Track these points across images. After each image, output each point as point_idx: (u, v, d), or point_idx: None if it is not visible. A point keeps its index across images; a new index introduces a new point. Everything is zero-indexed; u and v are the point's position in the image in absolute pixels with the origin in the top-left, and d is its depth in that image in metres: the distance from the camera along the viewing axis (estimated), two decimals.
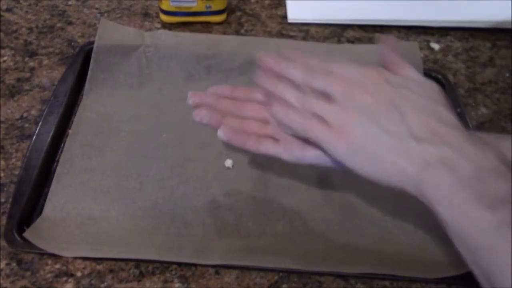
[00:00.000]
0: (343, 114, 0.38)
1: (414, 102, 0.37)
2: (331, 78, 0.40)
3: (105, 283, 0.41)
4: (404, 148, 0.35)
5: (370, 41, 0.63)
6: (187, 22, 0.63)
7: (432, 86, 0.39)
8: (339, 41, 0.62)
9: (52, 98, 0.51)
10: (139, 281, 0.41)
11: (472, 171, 0.32)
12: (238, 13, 0.66)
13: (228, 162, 0.48)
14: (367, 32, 0.64)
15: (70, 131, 0.50)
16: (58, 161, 0.48)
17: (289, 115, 0.41)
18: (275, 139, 0.42)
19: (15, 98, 0.54)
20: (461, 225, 0.32)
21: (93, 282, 0.41)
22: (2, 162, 0.48)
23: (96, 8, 0.65)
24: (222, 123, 0.44)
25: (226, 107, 0.45)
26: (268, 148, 0.42)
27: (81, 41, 0.60)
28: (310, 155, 0.40)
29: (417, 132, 0.35)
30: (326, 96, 0.39)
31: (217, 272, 0.42)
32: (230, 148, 0.49)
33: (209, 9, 0.62)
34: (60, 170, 0.47)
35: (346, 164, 0.38)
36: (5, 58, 0.58)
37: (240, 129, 0.44)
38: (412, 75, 0.41)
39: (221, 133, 0.43)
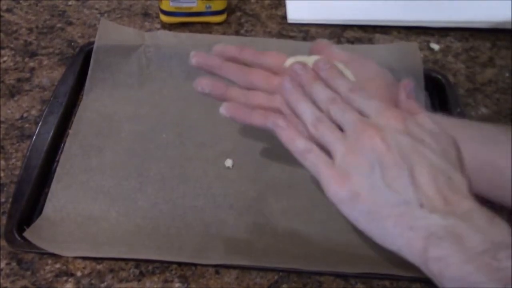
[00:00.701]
0: (350, 156, 0.35)
1: (429, 162, 0.34)
2: (348, 110, 0.37)
3: (105, 283, 0.41)
4: (410, 215, 0.33)
5: (370, 41, 0.63)
6: (187, 23, 0.63)
7: (448, 141, 0.37)
8: (339, 41, 0.62)
9: (52, 98, 0.51)
10: (139, 281, 0.41)
11: (482, 244, 0.30)
12: (238, 13, 0.66)
13: (228, 162, 0.48)
14: (367, 32, 0.64)
15: (70, 131, 0.50)
16: (58, 161, 0.48)
17: (291, 135, 0.39)
18: (282, 113, 0.40)
19: (15, 98, 0.54)
20: None
21: (93, 282, 0.41)
22: (2, 162, 0.48)
23: (96, 9, 0.65)
24: (225, 95, 0.42)
25: (231, 73, 0.43)
26: (274, 123, 0.40)
27: (81, 41, 0.60)
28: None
29: (425, 199, 0.33)
30: (340, 129, 0.37)
31: (217, 272, 0.42)
32: (230, 148, 0.50)
33: (209, 10, 0.62)
34: (60, 170, 0.47)
35: (342, 211, 0.36)
36: (5, 58, 0.58)
37: (245, 102, 0.42)
38: (428, 123, 0.38)
39: (223, 110, 0.41)
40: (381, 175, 0.34)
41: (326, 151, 0.37)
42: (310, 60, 0.43)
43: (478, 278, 0.29)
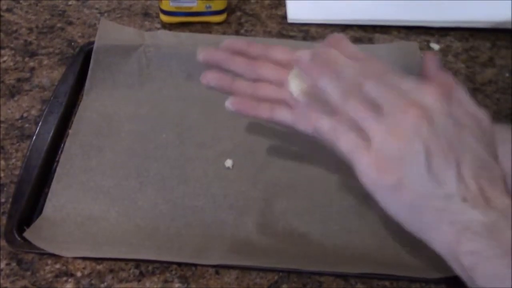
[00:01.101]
0: (390, 137, 0.32)
1: (473, 151, 0.32)
2: (386, 84, 0.34)
3: (105, 283, 0.41)
4: (452, 209, 0.31)
5: (370, 41, 0.63)
6: (187, 22, 0.63)
7: (486, 123, 0.34)
8: None
9: (52, 98, 0.51)
10: (139, 281, 0.41)
11: None
12: (238, 13, 0.66)
13: (228, 162, 0.48)
14: (367, 32, 0.64)
15: (70, 131, 0.50)
16: (58, 161, 0.48)
17: (315, 116, 0.35)
18: (289, 105, 0.39)
19: (15, 98, 0.54)
20: None
21: (93, 282, 0.41)
22: (2, 162, 0.48)
23: (96, 8, 0.65)
24: (231, 87, 0.40)
25: (239, 66, 0.41)
26: (282, 116, 0.39)
27: (81, 41, 0.60)
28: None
29: (468, 192, 0.31)
30: (374, 107, 0.33)
31: (217, 272, 0.42)
32: (230, 148, 0.50)
33: (209, 9, 0.62)
34: (60, 170, 0.47)
35: (378, 199, 0.34)
36: (5, 58, 0.58)
37: (251, 94, 0.40)
38: (467, 100, 0.35)
39: (228, 104, 0.40)
40: (427, 164, 0.31)
41: (356, 130, 0.34)
42: None
43: (510, 272, 0.28)
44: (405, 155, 0.32)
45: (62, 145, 0.49)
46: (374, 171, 0.33)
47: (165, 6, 0.61)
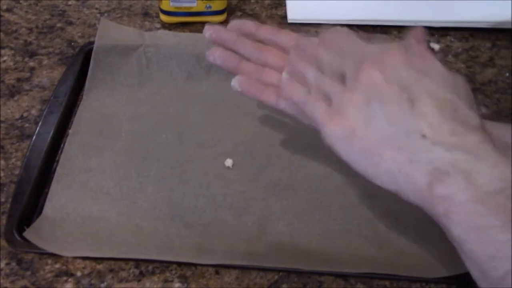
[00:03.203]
0: (345, 94, 0.33)
1: (433, 93, 0.31)
2: (348, 55, 0.35)
3: (105, 283, 0.41)
4: (411, 148, 0.30)
5: (370, 41, 0.62)
6: (187, 22, 0.63)
7: (458, 79, 0.33)
8: None
9: (52, 98, 0.51)
10: (139, 281, 0.41)
11: (495, 182, 0.27)
12: (238, 13, 0.66)
13: (228, 162, 0.48)
14: (367, 32, 0.64)
15: (70, 131, 0.50)
16: (58, 161, 0.48)
17: (294, 87, 0.37)
18: None
19: (15, 98, 0.54)
20: (485, 250, 0.26)
21: (93, 282, 0.41)
22: (2, 162, 0.48)
23: (96, 8, 0.65)
24: (238, 68, 0.40)
25: (246, 49, 0.41)
26: (289, 105, 0.39)
27: (81, 41, 0.60)
28: None
29: (429, 130, 0.29)
30: (341, 77, 0.35)
31: (217, 272, 0.42)
32: (230, 148, 0.50)
33: (209, 9, 0.62)
34: (60, 170, 0.47)
35: (340, 153, 0.34)
36: (5, 58, 0.58)
37: (257, 78, 0.40)
38: (437, 65, 0.34)
39: (235, 83, 0.39)
40: (379, 108, 0.31)
41: (323, 99, 0.35)
42: None
43: (490, 221, 0.26)
44: (356, 104, 0.32)
45: (62, 145, 0.49)
46: (328, 124, 0.33)
47: (165, 6, 0.61)
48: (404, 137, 0.30)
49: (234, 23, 0.42)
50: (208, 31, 0.41)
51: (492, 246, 0.26)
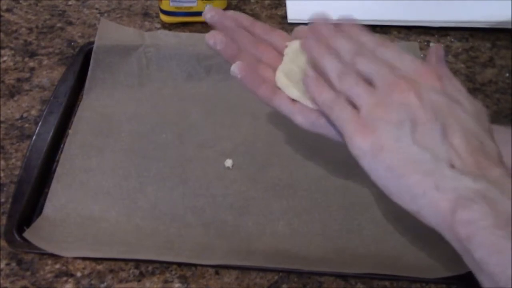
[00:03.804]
0: (378, 107, 0.33)
1: (464, 122, 0.32)
2: (378, 61, 0.35)
3: (105, 283, 0.41)
4: (439, 175, 0.31)
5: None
6: (187, 22, 0.63)
7: (481, 107, 0.34)
8: None
9: (52, 98, 0.51)
10: (139, 281, 0.41)
11: None
12: None
13: (228, 162, 0.48)
14: None
15: (70, 131, 0.50)
16: (58, 161, 0.48)
17: (319, 87, 0.36)
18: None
19: (15, 98, 0.54)
20: (505, 272, 0.27)
21: (93, 282, 0.41)
22: (2, 162, 0.48)
23: (96, 8, 0.65)
24: (237, 57, 0.39)
25: (243, 41, 0.41)
26: (282, 104, 0.38)
27: (81, 41, 0.60)
28: (327, 125, 0.36)
29: (457, 159, 0.31)
30: (368, 82, 0.35)
31: (217, 272, 0.42)
32: (230, 148, 0.50)
33: None
34: (60, 170, 0.47)
35: (364, 166, 0.34)
36: (5, 58, 0.58)
37: (256, 70, 0.39)
38: (461, 87, 0.35)
39: (235, 69, 0.39)
40: (411, 131, 0.32)
41: (353, 106, 0.35)
42: None
43: (510, 244, 0.27)
44: (389, 122, 0.32)
45: (62, 145, 0.49)
46: (357, 136, 0.33)
47: (165, 6, 0.61)
48: (433, 163, 0.31)
49: (230, 12, 0.42)
50: (209, 12, 0.40)
51: None
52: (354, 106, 0.35)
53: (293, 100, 0.38)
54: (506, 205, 0.29)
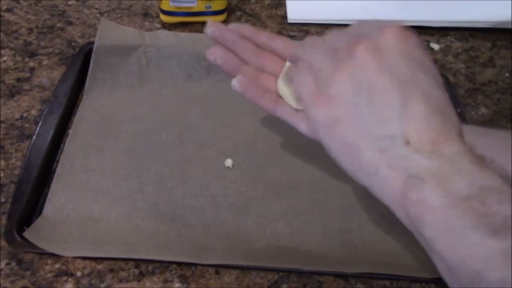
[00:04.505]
0: (335, 73, 0.31)
1: (426, 90, 0.30)
2: (344, 32, 0.33)
3: (105, 283, 0.41)
4: (393, 153, 0.30)
5: None
6: (187, 22, 0.63)
7: (436, 72, 0.32)
8: None
9: (52, 98, 0.51)
10: (139, 281, 0.41)
11: (468, 189, 0.27)
12: (238, 13, 0.66)
13: (228, 162, 0.48)
14: None
15: (70, 131, 0.50)
16: (58, 161, 0.48)
17: (298, 72, 0.35)
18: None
19: (15, 98, 0.54)
20: (456, 251, 0.27)
21: (93, 282, 0.41)
22: (2, 162, 0.48)
23: (96, 8, 0.65)
24: (238, 71, 0.39)
25: (245, 52, 0.41)
26: (284, 113, 0.38)
27: (81, 41, 0.60)
28: None
29: (414, 134, 0.29)
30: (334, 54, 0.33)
31: (217, 272, 0.42)
32: (230, 148, 0.50)
33: (209, 9, 0.62)
34: (60, 170, 0.47)
35: (322, 141, 0.33)
36: (5, 58, 0.58)
37: (257, 82, 0.39)
38: (430, 61, 0.33)
39: (235, 83, 0.39)
40: (369, 100, 0.30)
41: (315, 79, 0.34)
42: None
43: (463, 223, 0.27)
44: (346, 90, 0.31)
45: (62, 145, 0.49)
46: (314, 108, 0.32)
47: (165, 6, 0.61)
48: (388, 140, 0.30)
49: (234, 25, 0.42)
50: (210, 27, 0.41)
51: (463, 247, 0.27)
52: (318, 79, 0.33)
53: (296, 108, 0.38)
54: (458, 183, 0.28)
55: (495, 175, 0.28)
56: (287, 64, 0.41)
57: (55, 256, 0.42)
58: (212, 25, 0.41)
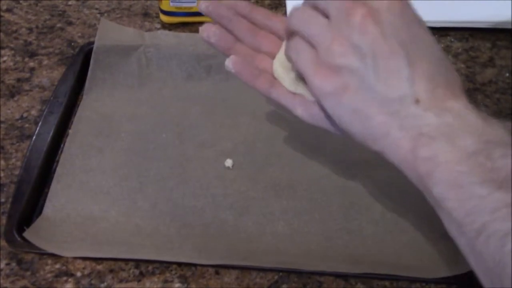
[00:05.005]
0: (335, 43, 0.31)
1: (428, 51, 0.31)
2: None
3: (105, 283, 0.41)
4: (403, 114, 0.30)
5: None
6: (187, 22, 0.63)
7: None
8: None
9: (52, 98, 0.51)
10: (139, 281, 0.41)
11: (475, 144, 0.28)
12: None
13: (228, 162, 0.48)
14: None
15: (70, 131, 0.50)
16: (58, 161, 0.48)
17: (296, 48, 0.34)
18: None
19: (15, 98, 0.54)
20: (463, 206, 0.28)
21: (93, 282, 0.41)
22: (2, 162, 0.48)
23: (96, 8, 0.65)
24: (232, 49, 0.38)
25: (241, 30, 0.39)
26: (281, 95, 0.37)
27: (81, 41, 0.60)
28: (328, 118, 0.34)
29: (421, 94, 0.30)
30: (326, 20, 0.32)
31: (217, 272, 0.42)
32: (230, 148, 0.50)
33: None
34: (60, 170, 0.47)
35: (327, 109, 0.32)
36: (5, 58, 0.58)
37: (252, 63, 0.38)
38: (426, 27, 0.33)
39: (229, 64, 0.38)
40: (374, 66, 0.30)
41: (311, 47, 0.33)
42: None
43: (470, 179, 0.28)
44: (349, 59, 0.31)
45: (62, 145, 0.49)
46: (317, 78, 0.32)
47: (165, 6, 0.61)
48: (397, 102, 0.30)
49: (229, 1, 0.40)
50: (204, 3, 0.39)
51: (470, 201, 0.27)
52: (313, 47, 0.33)
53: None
54: (466, 138, 0.28)
55: (499, 129, 0.29)
56: (284, 45, 0.39)
57: (55, 256, 0.42)
58: (206, 1, 0.39)
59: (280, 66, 0.39)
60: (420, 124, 0.30)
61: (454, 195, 0.28)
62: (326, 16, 0.33)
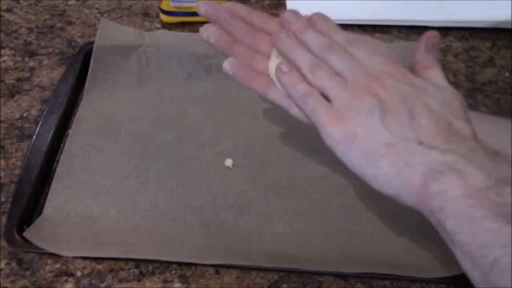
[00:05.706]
0: (349, 100, 0.35)
1: (430, 106, 0.34)
2: (349, 58, 0.36)
3: (105, 283, 0.41)
4: (408, 152, 0.32)
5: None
6: (187, 22, 0.63)
7: (454, 95, 0.36)
8: None
9: (52, 98, 0.51)
10: (139, 281, 0.41)
11: (485, 181, 0.29)
12: None
13: (228, 162, 0.48)
14: (367, 32, 0.64)
15: (70, 131, 0.50)
16: (58, 161, 0.48)
17: (292, 80, 0.37)
18: None
19: (15, 98, 0.54)
20: (475, 240, 0.29)
21: (93, 282, 0.41)
22: (2, 162, 0.48)
23: (96, 8, 0.65)
24: (230, 50, 0.40)
25: (239, 32, 0.40)
26: (277, 96, 0.39)
27: (81, 41, 0.60)
28: None
29: (425, 138, 0.32)
30: (339, 77, 0.36)
31: (217, 272, 0.42)
32: (230, 148, 0.50)
33: None
34: (60, 170, 0.47)
35: (339, 155, 0.35)
36: (5, 58, 0.58)
37: (249, 63, 0.40)
38: (436, 78, 0.37)
39: (226, 66, 0.39)
40: (380, 118, 0.33)
41: (326, 98, 0.36)
42: None
43: (481, 213, 0.29)
44: (360, 111, 0.34)
45: (62, 145, 0.49)
46: (331, 126, 0.35)
47: (165, 6, 0.61)
48: (402, 143, 0.33)
49: (228, 4, 0.41)
50: (203, 6, 0.40)
51: (483, 235, 0.28)
52: (326, 98, 0.36)
53: None
54: (475, 175, 0.30)
55: (508, 167, 0.30)
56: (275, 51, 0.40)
57: (55, 256, 0.42)
58: (205, 3, 0.40)
59: (275, 59, 0.40)
60: (426, 160, 0.31)
61: (466, 229, 0.29)
62: (341, 74, 0.37)
